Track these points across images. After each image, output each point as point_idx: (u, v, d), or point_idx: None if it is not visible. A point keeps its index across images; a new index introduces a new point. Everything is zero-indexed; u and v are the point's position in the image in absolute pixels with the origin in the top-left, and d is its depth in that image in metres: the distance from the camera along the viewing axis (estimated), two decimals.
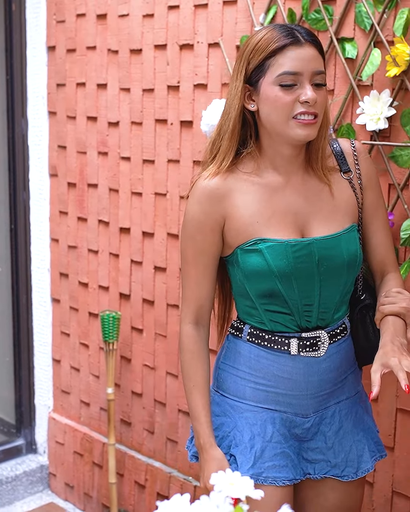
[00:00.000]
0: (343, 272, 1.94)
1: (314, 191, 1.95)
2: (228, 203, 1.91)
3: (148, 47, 2.94)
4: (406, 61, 2.18)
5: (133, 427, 3.27)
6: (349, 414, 2.05)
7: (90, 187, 3.30)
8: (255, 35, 1.88)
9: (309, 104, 1.83)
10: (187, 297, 2.00)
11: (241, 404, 1.99)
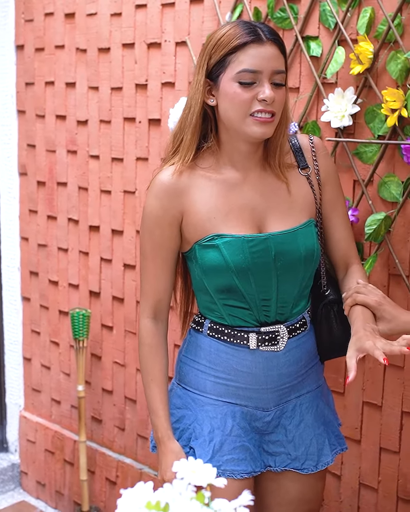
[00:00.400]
0: (300, 267, 1.96)
1: (271, 187, 1.97)
2: (185, 198, 1.93)
3: (116, 46, 2.96)
4: (369, 59, 2.21)
5: (104, 424, 3.28)
6: (310, 408, 2.07)
7: (59, 186, 3.31)
8: (219, 30, 1.89)
9: (267, 103, 1.83)
10: (145, 291, 2.02)
11: (202, 397, 2.01)
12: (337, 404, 2.48)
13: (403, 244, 2.25)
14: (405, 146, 2.16)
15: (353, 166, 2.32)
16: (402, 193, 2.22)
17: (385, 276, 2.31)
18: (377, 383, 2.38)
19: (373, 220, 2.25)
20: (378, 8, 2.21)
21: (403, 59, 2.16)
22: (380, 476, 2.42)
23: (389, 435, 2.38)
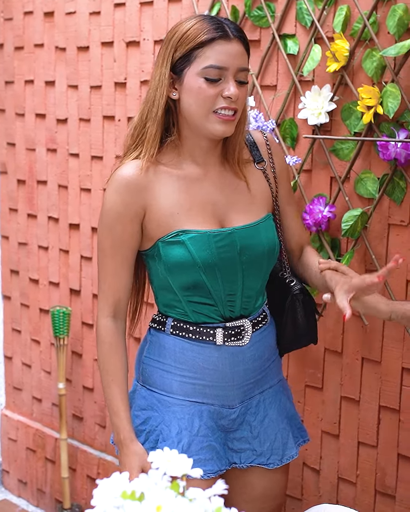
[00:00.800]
0: (263, 260, 1.97)
1: (231, 183, 1.97)
2: (148, 193, 1.89)
3: (95, 44, 2.97)
4: (345, 56, 2.23)
5: (85, 421, 3.29)
6: (273, 402, 2.08)
7: (39, 184, 3.32)
8: (184, 23, 1.86)
9: (231, 100, 1.84)
10: (104, 290, 1.96)
11: (168, 398, 1.98)
12: (315, 400, 2.51)
13: (380, 240, 2.28)
14: (380, 143, 2.18)
15: (329, 163, 2.34)
16: (378, 189, 2.25)
17: (362, 271, 2.33)
18: (354, 378, 2.41)
19: (350, 216, 2.27)
20: (353, 6, 2.23)
21: (379, 57, 2.18)
22: (358, 470, 2.45)
23: (367, 430, 2.40)
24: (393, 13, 2.14)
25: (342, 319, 2.38)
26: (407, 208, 2.21)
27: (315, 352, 2.48)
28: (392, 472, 2.36)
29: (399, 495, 2.35)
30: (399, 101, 2.13)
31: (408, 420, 2.30)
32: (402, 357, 2.28)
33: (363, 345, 2.37)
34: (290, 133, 2.43)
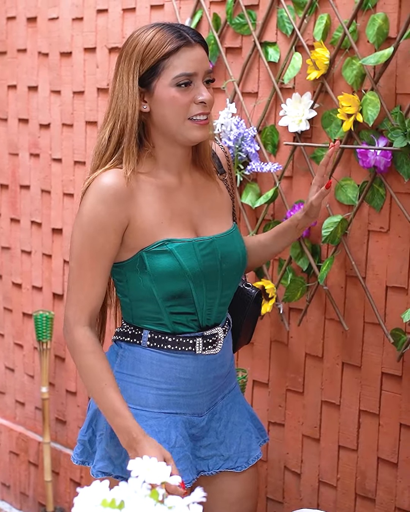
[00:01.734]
0: (239, 268, 2.00)
1: (203, 190, 1.99)
2: (132, 203, 1.86)
3: (78, 50, 2.99)
4: (325, 64, 2.26)
5: (68, 425, 3.31)
6: (234, 406, 2.09)
7: (22, 189, 3.33)
8: (141, 34, 1.84)
9: (205, 105, 1.85)
10: (80, 300, 1.88)
11: (144, 412, 1.94)
12: (296, 404, 2.54)
13: (360, 246, 2.30)
14: (360, 151, 2.21)
15: (310, 170, 2.36)
16: (358, 196, 2.27)
17: (342, 277, 2.36)
18: (335, 383, 2.43)
19: (330, 223, 2.30)
20: (334, 15, 2.25)
21: (358, 65, 2.20)
22: (339, 474, 2.47)
23: (347, 433, 2.43)
24: (372, 22, 2.16)
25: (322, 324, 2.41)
26: (386, 215, 2.24)
27: (296, 356, 2.51)
28: (372, 476, 2.39)
29: (379, 498, 2.38)
30: (379, 109, 2.15)
31: (388, 424, 2.32)
32: (382, 362, 2.31)
33: (343, 350, 2.39)
34: (271, 140, 2.45)
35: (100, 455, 1.97)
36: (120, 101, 1.85)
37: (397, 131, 2.10)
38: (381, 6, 2.17)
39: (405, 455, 2.30)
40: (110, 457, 1.95)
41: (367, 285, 2.29)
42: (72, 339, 1.90)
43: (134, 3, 2.76)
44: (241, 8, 2.45)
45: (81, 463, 2.04)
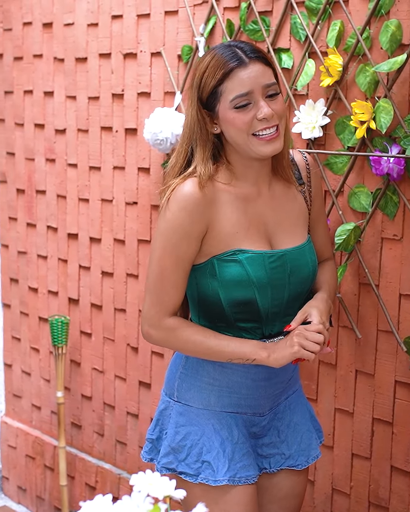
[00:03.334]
0: (308, 281, 2.02)
1: (280, 201, 2.01)
2: (212, 211, 1.91)
3: (93, 56, 2.99)
4: (338, 71, 2.25)
5: (84, 429, 3.31)
6: (297, 406, 2.13)
7: (38, 194, 3.34)
8: (202, 62, 1.90)
9: (267, 120, 1.86)
10: (164, 301, 1.95)
11: (206, 411, 2.01)
12: None
13: (373, 253, 2.29)
14: (373, 158, 2.19)
15: (324, 177, 2.35)
16: (371, 203, 2.26)
17: (356, 285, 2.35)
18: (348, 390, 2.42)
19: (343, 230, 2.29)
20: (347, 21, 2.24)
21: (372, 72, 2.19)
22: (352, 482, 2.46)
23: (361, 441, 2.42)
24: (386, 28, 2.15)
25: None
26: (400, 223, 2.23)
27: (310, 364, 2.50)
28: (386, 484, 2.38)
29: (392, 507, 2.36)
30: (392, 117, 2.14)
31: (401, 433, 2.31)
32: (395, 370, 2.29)
33: (357, 358, 2.38)
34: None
35: (165, 451, 2.04)
36: (194, 127, 1.92)
37: (409, 138, 2.08)
38: (394, 12, 2.15)
39: None
40: (174, 454, 2.02)
41: (380, 292, 2.28)
42: (161, 334, 1.97)
43: (148, 9, 2.77)
44: (254, 14, 2.44)
45: (150, 460, 2.11)
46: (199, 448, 2.00)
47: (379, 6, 2.17)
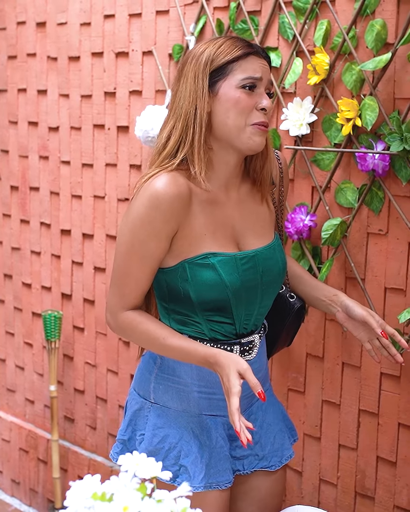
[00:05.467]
0: (279, 279, 2.02)
1: (248, 203, 1.99)
2: (185, 211, 1.85)
3: (85, 55, 3.04)
4: (325, 70, 2.29)
5: (76, 423, 3.36)
6: (268, 406, 2.13)
7: (32, 190, 3.39)
8: (211, 41, 1.89)
9: (265, 112, 1.87)
10: (125, 293, 1.91)
11: (185, 414, 1.99)
12: (297, 404, 2.58)
13: (359, 248, 2.34)
14: (359, 154, 2.24)
15: (311, 173, 2.40)
16: (358, 199, 2.31)
17: (342, 279, 2.39)
18: (335, 383, 2.47)
19: (329, 225, 2.33)
20: (333, 21, 2.29)
21: (357, 70, 2.24)
22: (339, 472, 2.51)
23: (347, 433, 2.46)
24: (371, 28, 2.20)
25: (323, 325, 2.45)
26: (385, 218, 2.27)
27: (298, 356, 2.55)
28: (371, 474, 2.42)
29: (378, 497, 2.41)
30: (377, 114, 2.19)
31: (387, 424, 2.36)
32: (381, 362, 2.34)
33: (343, 351, 2.43)
34: (273, 143, 2.49)
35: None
36: (183, 101, 1.86)
37: (394, 135, 2.13)
38: (379, 12, 2.20)
39: (404, 454, 2.33)
40: (151, 456, 1.92)
41: (366, 286, 2.33)
42: (118, 324, 1.94)
43: (140, 9, 2.81)
44: (243, 14, 2.49)
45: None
46: (177, 451, 1.97)
47: (365, 6, 2.22)
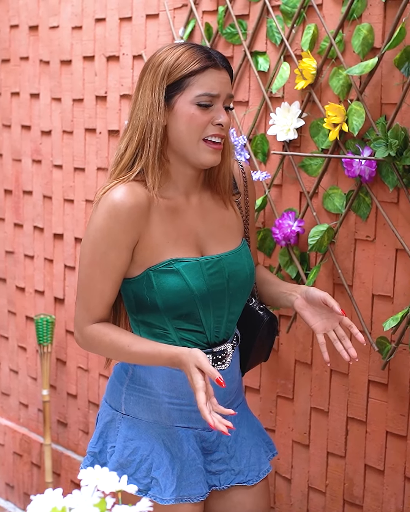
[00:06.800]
0: (247, 285, 2.00)
1: (211, 211, 1.98)
2: (144, 221, 1.85)
3: (77, 58, 3.03)
4: (312, 74, 2.28)
5: (69, 427, 3.35)
6: (242, 420, 2.11)
7: (25, 194, 3.38)
8: (170, 50, 1.85)
9: (222, 128, 1.86)
10: (89, 308, 1.89)
11: (157, 425, 1.97)
12: (286, 410, 2.56)
13: (346, 254, 2.32)
14: (345, 160, 2.22)
15: (298, 179, 2.38)
16: (345, 205, 2.29)
17: (330, 285, 2.37)
18: (323, 390, 2.45)
19: (316, 231, 2.31)
20: (321, 25, 2.27)
21: (344, 75, 2.22)
22: (328, 480, 2.49)
23: (336, 440, 2.44)
24: (358, 32, 2.18)
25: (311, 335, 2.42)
26: (372, 224, 2.25)
27: (286, 363, 2.53)
28: (360, 482, 2.40)
29: (366, 505, 2.39)
30: (364, 119, 2.17)
31: (374, 432, 2.34)
32: (369, 370, 2.32)
33: (331, 358, 2.39)
34: (262, 148, 2.47)
35: (113, 467, 1.96)
36: (141, 113, 1.86)
37: (379, 141, 2.11)
38: (366, 16, 2.18)
39: (391, 462, 2.31)
40: (122, 469, 1.96)
41: (354, 293, 2.31)
42: (84, 337, 1.91)
43: (130, 13, 2.80)
44: (231, 17, 2.47)
45: None
46: (149, 463, 1.95)
47: (352, 10, 2.19)
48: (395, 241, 2.20)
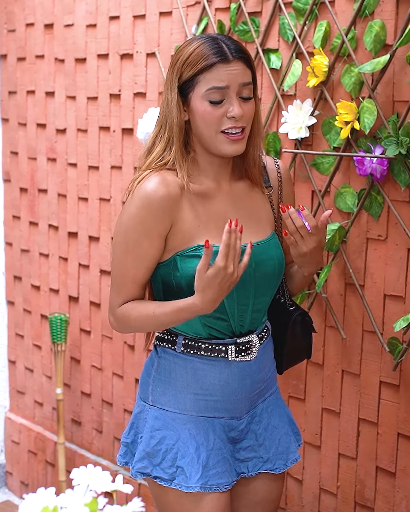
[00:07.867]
0: (274, 276, 2.01)
1: (243, 198, 2.01)
2: (176, 208, 1.90)
3: (91, 56, 3.02)
4: (324, 72, 2.25)
5: (83, 426, 3.34)
6: (274, 409, 2.12)
7: (40, 192, 3.38)
8: (186, 47, 1.91)
9: (236, 119, 1.88)
10: (122, 292, 1.95)
11: (182, 415, 1.99)
12: (298, 411, 2.54)
13: (358, 254, 2.29)
14: (357, 158, 2.19)
15: (310, 177, 2.36)
16: (357, 203, 2.26)
17: (342, 285, 2.35)
18: (335, 390, 2.42)
19: (328, 230, 2.28)
20: (333, 22, 2.25)
21: (356, 72, 2.19)
22: (339, 482, 2.46)
23: (347, 441, 2.42)
24: (370, 29, 2.15)
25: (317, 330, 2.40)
26: (384, 223, 2.23)
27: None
28: (371, 485, 2.38)
29: (378, 508, 2.36)
30: (375, 117, 2.14)
31: (386, 433, 2.31)
32: (380, 371, 2.29)
33: (343, 358, 2.39)
34: (274, 146, 2.45)
35: (139, 456, 2.02)
36: (165, 109, 1.94)
37: (390, 139, 2.09)
38: (378, 13, 2.16)
39: (403, 464, 2.28)
40: (149, 458, 2.00)
41: (366, 293, 2.28)
42: (117, 319, 1.98)
43: (144, 10, 2.79)
44: (244, 15, 2.45)
45: (125, 464, 2.10)
46: (174, 453, 1.98)
47: (364, 7, 2.17)
48: (407, 241, 2.17)
